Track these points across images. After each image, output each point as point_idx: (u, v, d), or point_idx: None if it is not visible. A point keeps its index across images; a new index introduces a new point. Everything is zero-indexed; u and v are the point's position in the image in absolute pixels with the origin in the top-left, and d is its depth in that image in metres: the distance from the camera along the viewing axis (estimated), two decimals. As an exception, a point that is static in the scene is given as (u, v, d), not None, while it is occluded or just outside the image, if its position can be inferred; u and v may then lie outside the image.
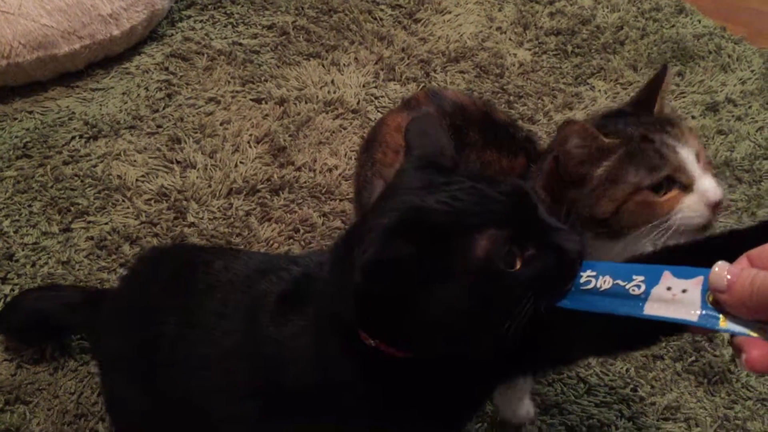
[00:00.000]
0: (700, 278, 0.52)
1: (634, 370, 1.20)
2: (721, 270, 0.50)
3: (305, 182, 1.47)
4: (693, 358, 1.21)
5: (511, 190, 0.62)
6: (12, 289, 1.24)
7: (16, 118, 1.56)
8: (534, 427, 1.12)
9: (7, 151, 1.48)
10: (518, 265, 0.59)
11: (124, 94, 1.64)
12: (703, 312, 0.51)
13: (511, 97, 1.70)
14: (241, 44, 1.79)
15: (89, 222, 1.37)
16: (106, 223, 1.36)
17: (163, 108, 1.61)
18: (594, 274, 0.58)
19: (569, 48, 1.85)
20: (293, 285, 0.79)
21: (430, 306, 0.59)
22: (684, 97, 1.73)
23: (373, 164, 1.08)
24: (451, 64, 1.79)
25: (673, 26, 1.94)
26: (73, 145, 1.51)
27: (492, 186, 0.62)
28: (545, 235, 0.61)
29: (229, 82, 1.69)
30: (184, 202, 1.41)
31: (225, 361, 0.80)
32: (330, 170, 1.50)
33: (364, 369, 0.69)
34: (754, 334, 0.48)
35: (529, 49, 1.85)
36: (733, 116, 1.69)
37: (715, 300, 0.51)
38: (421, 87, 1.71)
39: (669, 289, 0.53)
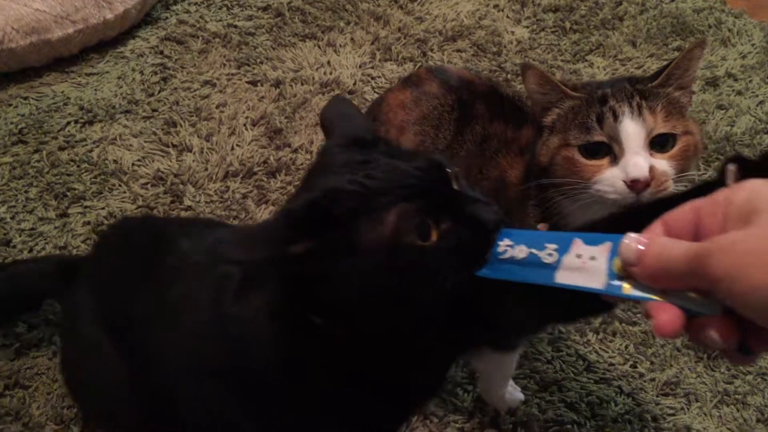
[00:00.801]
0: (609, 245, 0.52)
1: (633, 346, 1.20)
2: (630, 242, 0.49)
3: (302, 164, 1.46)
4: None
5: (425, 165, 0.62)
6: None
7: (10, 104, 1.56)
8: (533, 405, 1.12)
9: (2, 138, 1.47)
10: (434, 238, 0.59)
11: (119, 78, 1.63)
12: (609, 280, 0.51)
13: (509, 75, 1.68)
14: (236, 26, 1.78)
15: (86, 207, 1.36)
16: (103, 208, 1.36)
17: (159, 92, 1.60)
18: (511, 243, 0.58)
19: (567, 24, 1.83)
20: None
21: (349, 285, 0.59)
22: (684, 72, 1.71)
23: None
24: (448, 42, 1.77)
25: (672, 0, 1.92)
26: (69, 131, 1.50)
27: (407, 161, 0.62)
28: (461, 206, 0.60)
29: (224, 64, 1.68)
30: (181, 186, 1.41)
31: (192, 342, 0.81)
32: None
33: (316, 347, 0.68)
34: (657, 298, 0.48)
35: (527, 27, 1.83)
36: (733, 90, 1.67)
37: (624, 272, 0.50)
38: (418, 66, 1.69)
39: (579, 256, 0.53)
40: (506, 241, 0.59)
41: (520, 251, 0.57)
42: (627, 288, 0.50)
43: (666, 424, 1.11)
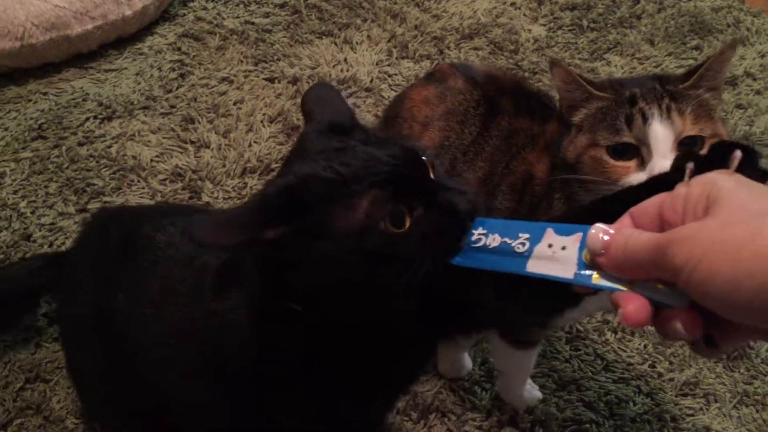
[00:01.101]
0: (579, 235, 0.53)
1: (651, 346, 1.20)
2: (597, 232, 0.50)
3: (319, 161, 1.46)
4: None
5: (400, 152, 0.62)
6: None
7: (30, 100, 1.57)
8: (551, 403, 1.12)
9: (22, 133, 1.48)
10: (407, 225, 0.59)
11: (137, 74, 1.64)
12: (578, 270, 0.51)
13: (526, 74, 1.68)
14: (253, 23, 1.78)
15: (105, 202, 1.37)
16: (122, 203, 1.37)
17: (177, 88, 1.61)
18: (485, 232, 0.58)
19: (585, 23, 1.82)
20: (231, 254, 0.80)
21: (322, 271, 0.60)
22: (702, 71, 1.70)
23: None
24: (465, 40, 1.77)
25: (690, -1, 1.91)
26: (88, 126, 1.51)
27: (383, 149, 0.62)
28: (435, 194, 0.61)
29: (241, 61, 1.68)
30: (199, 182, 1.41)
31: (173, 337, 0.81)
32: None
33: (295, 334, 0.69)
34: (624, 288, 0.49)
35: (544, 25, 1.83)
36: (752, 90, 1.66)
37: (593, 260, 0.51)
38: (435, 64, 1.69)
39: (550, 246, 0.54)
40: (480, 230, 0.59)
41: (493, 240, 0.57)
42: (596, 278, 0.51)
43: (685, 424, 1.11)
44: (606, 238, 0.49)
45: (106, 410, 0.97)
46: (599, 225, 0.50)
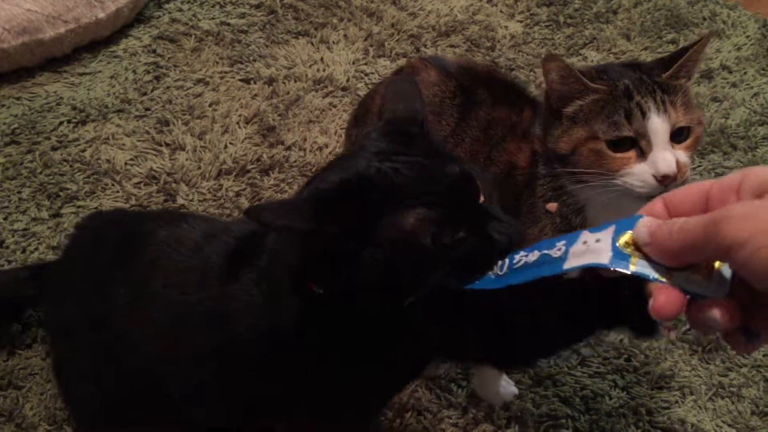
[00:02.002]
0: (612, 227, 0.54)
1: (627, 340, 1.20)
2: (643, 224, 0.50)
3: (295, 161, 1.46)
4: (687, 326, 1.21)
5: (455, 173, 0.64)
6: None
7: (3, 105, 1.55)
8: (527, 399, 1.12)
9: (-5, 138, 1.47)
10: (445, 244, 0.61)
11: (111, 77, 1.63)
12: (614, 255, 0.52)
13: (503, 70, 1.68)
14: (228, 24, 1.77)
15: (79, 207, 1.36)
16: (96, 208, 1.36)
17: (151, 90, 1.60)
18: (525, 254, 0.60)
19: (561, 18, 1.82)
20: (242, 242, 0.82)
21: (360, 268, 0.62)
22: (678, 65, 1.71)
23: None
24: (442, 38, 1.77)
25: (666, -7, 1.91)
26: (62, 131, 1.50)
27: (440, 165, 0.64)
28: (479, 222, 0.63)
29: (217, 62, 1.67)
30: (174, 185, 1.40)
31: (178, 328, 0.82)
32: (320, 149, 1.49)
33: (312, 315, 0.71)
34: (662, 279, 0.49)
35: (521, 21, 1.83)
36: (728, 83, 1.67)
37: (634, 246, 0.52)
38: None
39: (585, 243, 0.55)
40: (522, 253, 0.61)
41: (533, 255, 0.59)
42: (633, 263, 0.51)
43: (660, 417, 1.11)
44: (654, 225, 0.49)
45: (98, 415, 0.97)
46: (645, 218, 0.51)
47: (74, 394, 1.00)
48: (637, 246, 0.51)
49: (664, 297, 0.48)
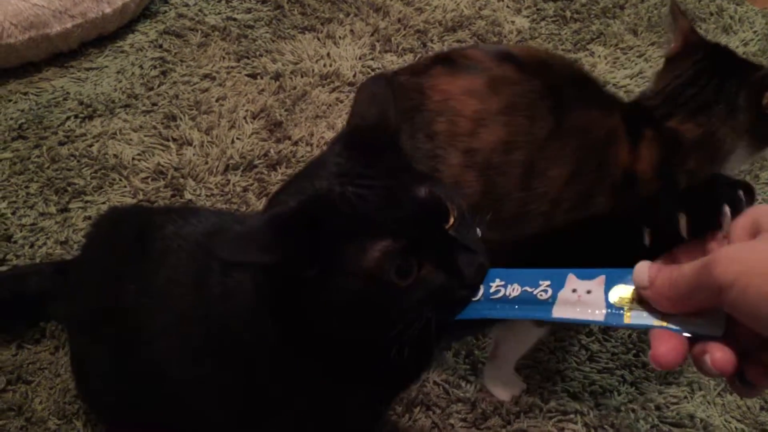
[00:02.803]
0: (602, 278, 0.54)
1: (636, 335, 1.20)
2: (642, 266, 0.51)
3: (302, 156, 1.46)
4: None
5: (423, 197, 0.60)
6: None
7: (10, 100, 1.55)
8: (536, 395, 1.12)
9: (2, 133, 1.47)
10: (411, 279, 0.58)
11: (118, 72, 1.63)
12: (608, 311, 0.52)
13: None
14: (235, 19, 1.77)
15: (86, 202, 1.36)
16: (104, 203, 1.36)
17: (158, 86, 1.60)
18: (503, 283, 0.59)
19: (568, 14, 1.82)
20: None
21: (322, 298, 0.60)
22: (685, 60, 1.70)
23: (432, 137, 0.92)
24: (448, 33, 1.76)
25: (673, -11, 1.90)
26: (69, 126, 1.50)
27: (406, 187, 0.61)
28: (447, 253, 0.60)
29: (223, 57, 1.67)
30: (181, 180, 1.40)
31: (181, 326, 0.82)
32: (327, 144, 1.48)
33: (288, 329, 0.69)
34: (658, 324, 0.50)
35: (527, 16, 1.82)
36: (735, 78, 1.66)
37: (637, 297, 0.52)
38: (418, 57, 1.68)
39: (574, 291, 0.55)
40: (498, 282, 0.59)
41: (513, 290, 0.58)
42: (627, 317, 0.52)
43: (669, 412, 1.11)
44: (651, 272, 0.51)
45: (115, 412, 0.97)
46: (644, 262, 0.52)
47: (91, 389, 1.00)
48: (631, 298, 0.52)
49: (665, 346, 0.48)
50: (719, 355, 0.46)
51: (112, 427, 1.04)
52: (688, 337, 0.49)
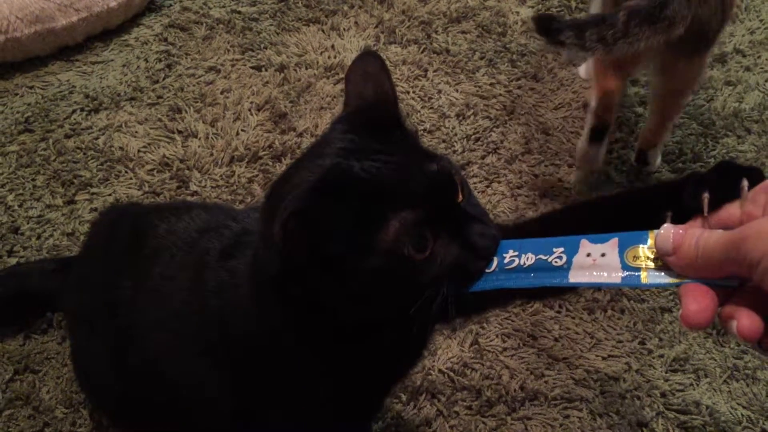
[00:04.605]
0: (615, 240, 0.54)
1: (641, 323, 1.19)
2: (666, 232, 0.51)
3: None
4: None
5: (436, 172, 0.61)
6: (18, 262, 1.25)
7: (17, 94, 1.56)
8: (542, 382, 1.12)
9: (9, 126, 1.48)
10: (428, 252, 0.59)
11: (123, 66, 1.63)
12: (625, 273, 0.53)
13: (514, 56, 1.67)
14: (239, 12, 1.77)
15: (93, 194, 1.37)
16: (110, 195, 1.37)
17: (163, 79, 1.60)
18: (516, 253, 0.59)
19: (573, 3, 1.81)
20: (233, 239, 0.81)
21: (338, 275, 0.59)
22: (691, 49, 1.69)
23: None
24: (453, 24, 1.76)
25: (679, -22, 1.89)
26: (75, 119, 1.51)
27: (419, 162, 0.61)
28: (460, 225, 0.60)
29: (228, 50, 1.68)
30: (187, 171, 1.41)
31: (175, 321, 0.82)
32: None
33: (294, 317, 0.69)
34: (675, 281, 0.50)
35: (532, 6, 1.81)
36: (741, 66, 1.65)
37: (652, 257, 0.52)
38: (422, 48, 1.68)
39: (589, 255, 0.55)
40: (511, 252, 0.59)
41: (528, 259, 0.58)
42: (644, 277, 0.52)
43: (675, 399, 1.11)
44: (676, 238, 0.50)
45: (113, 406, 0.98)
46: (668, 225, 0.51)
47: (91, 384, 1.01)
48: (645, 257, 0.52)
49: (696, 305, 0.48)
50: (746, 322, 0.46)
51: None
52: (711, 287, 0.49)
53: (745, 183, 0.53)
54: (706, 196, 0.55)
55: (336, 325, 0.68)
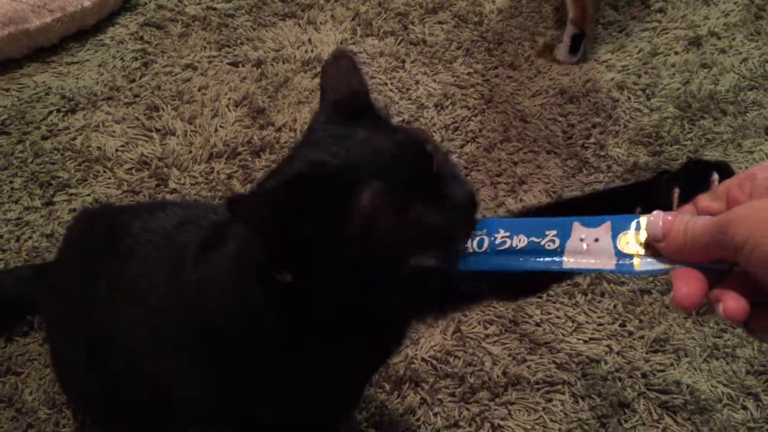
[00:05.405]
0: (608, 225, 0.55)
1: (621, 305, 1.20)
2: (656, 219, 0.51)
3: (286, 142, 1.46)
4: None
5: (405, 140, 0.62)
6: (-3, 265, 1.25)
7: (-8, 97, 1.55)
8: (524, 367, 1.13)
9: (-15, 130, 1.47)
10: (407, 219, 0.59)
11: (99, 65, 1.63)
12: (619, 260, 0.53)
13: (491, 45, 1.68)
14: (215, 9, 1.77)
15: (71, 194, 1.36)
16: (89, 195, 1.36)
17: (140, 77, 1.60)
18: (508, 234, 0.58)
19: (548, -9, 1.81)
20: (212, 231, 0.81)
21: (320, 255, 0.61)
22: (666, 33, 1.70)
23: None
24: (429, 15, 1.76)
25: (653, -37, 1.90)
26: (51, 120, 1.50)
27: (388, 136, 0.62)
28: (436, 186, 0.60)
29: (204, 47, 1.67)
30: (165, 169, 1.40)
31: (154, 318, 0.82)
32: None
33: (278, 303, 0.69)
34: (667, 267, 0.51)
35: (508, -5, 1.82)
36: (716, 49, 1.67)
37: (644, 243, 0.53)
38: (399, 40, 1.68)
39: (582, 240, 0.55)
40: (502, 232, 0.59)
41: (520, 240, 0.57)
42: (637, 264, 0.53)
43: (656, 380, 1.12)
44: (665, 224, 0.51)
45: (93, 402, 0.98)
46: (657, 212, 0.52)
47: (74, 389, 1.01)
48: (637, 244, 0.53)
49: (687, 288, 0.49)
50: (731, 304, 0.47)
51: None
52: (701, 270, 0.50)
53: (716, 176, 0.55)
54: (676, 191, 0.56)
55: (321, 314, 0.68)
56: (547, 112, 1.53)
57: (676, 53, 1.66)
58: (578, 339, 1.16)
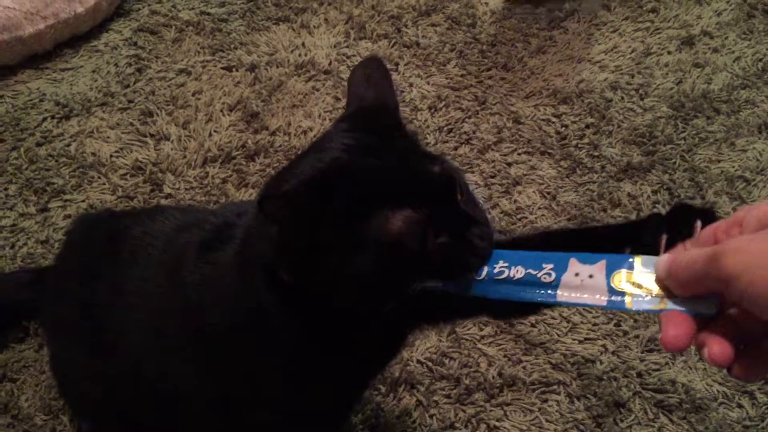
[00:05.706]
0: (603, 263, 0.57)
1: (616, 305, 1.20)
2: (663, 259, 0.54)
3: (280, 146, 1.46)
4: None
5: (439, 172, 0.63)
6: (-8, 272, 1.25)
7: (-14, 104, 1.56)
8: (519, 367, 1.13)
9: (-21, 137, 1.47)
10: (427, 249, 0.61)
11: (93, 71, 1.63)
12: (611, 296, 0.55)
13: (484, 47, 1.68)
14: (209, 13, 1.77)
15: (66, 201, 1.37)
16: (83, 201, 1.36)
17: (134, 83, 1.60)
18: (506, 264, 0.61)
19: (541, -8, 1.82)
20: (213, 233, 0.81)
21: (337, 264, 0.61)
22: (659, 33, 1.71)
23: None
24: (422, 17, 1.76)
25: (645, -37, 1.91)
26: (46, 126, 1.50)
27: (422, 163, 0.63)
28: (461, 226, 0.62)
29: (198, 52, 1.67)
30: (160, 174, 1.41)
31: (154, 321, 0.82)
32: (305, 132, 1.49)
33: (284, 303, 0.70)
34: (657, 308, 0.52)
35: (501, -3, 1.82)
36: (709, 48, 1.67)
37: (636, 283, 0.55)
38: (392, 43, 1.69)
39: (577, 275, 0.57)
40: (501, 263, 0.61)
41: (517, 271, 0.60)
42: (629, 302, 0.54)
43: (651, 379, 1.12)
44: (668, 265, 0.53)
45: (94, 407, 0.98)
46: (666, 254, 0.55)
47: (74, 393, 1.01)
48: (631, 283, 0.55)
49: (675, 331, 0.50)
50: (716, 349, 0.49)
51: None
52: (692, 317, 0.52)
53: (699, 223, 0.58)
54: (664, 237, 0.59)
55: (323, 316, 0.69)
56: (541, 113, 1.53)
57: (669, 53, 1.66)
58: (573, 339, 1.17)
